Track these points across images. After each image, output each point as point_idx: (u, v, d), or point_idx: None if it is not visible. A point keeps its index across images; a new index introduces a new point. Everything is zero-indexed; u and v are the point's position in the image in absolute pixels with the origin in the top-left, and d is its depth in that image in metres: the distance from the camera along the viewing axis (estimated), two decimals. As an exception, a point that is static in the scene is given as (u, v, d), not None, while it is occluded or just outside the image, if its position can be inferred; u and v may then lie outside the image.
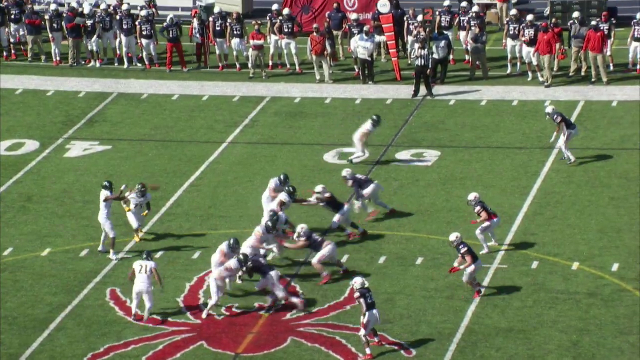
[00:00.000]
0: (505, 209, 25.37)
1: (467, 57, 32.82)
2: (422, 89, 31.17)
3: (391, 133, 29.35)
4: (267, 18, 32.90)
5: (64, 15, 33.73)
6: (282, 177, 24.52)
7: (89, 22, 33.47)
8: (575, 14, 32.16)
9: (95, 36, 33.39)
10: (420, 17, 32.35)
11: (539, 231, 24.52)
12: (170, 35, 33.16)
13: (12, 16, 34.36)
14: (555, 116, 26.85)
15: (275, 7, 33.19)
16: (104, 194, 23.95)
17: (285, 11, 33.45)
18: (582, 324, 21.16)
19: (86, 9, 33.74)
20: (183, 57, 33.50)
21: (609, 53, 32.10)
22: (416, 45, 30.84)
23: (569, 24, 32.29)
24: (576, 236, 24.20)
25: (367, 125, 27.31)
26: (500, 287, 22.43)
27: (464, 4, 33.09)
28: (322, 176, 26.75)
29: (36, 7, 35.37)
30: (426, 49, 30.64)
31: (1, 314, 21.78)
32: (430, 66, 30.91)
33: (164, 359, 20.52)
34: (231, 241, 22.20)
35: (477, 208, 23.41)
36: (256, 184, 26.82)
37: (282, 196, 23.74)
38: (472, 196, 23.63)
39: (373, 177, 27.02)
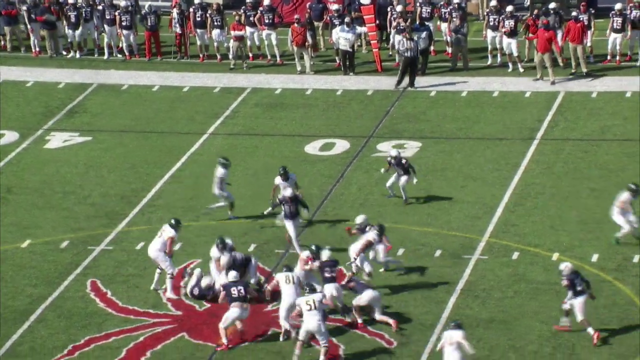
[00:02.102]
0: (486, 200, 25.43)
1: (448, 48, 32.85)
2: (405, 79, 31.21)
3: (372, 124, 29.37)
4: (242, 10, 32.80)
5: (40, 6, 33.56)
6: (280, 170, 24.14)
7: (71, 14, 33.33)
8: (552, 5, 32.17)
9: (80, 27, 33.26)
10: (400, 8, 32.35)
11: (520, 222, 24.59)
12: (149, 24, 33.06)
13: (-13, 8, 34.16)
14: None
15: (249, -1, 33.09)
16: (169, 231, 21.93)
17: (266, 2, 33.38)
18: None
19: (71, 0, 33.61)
20: (160, 46, 33.41)
21: (589, 44, 32.18)
22: (403, 38, 30.81)
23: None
24: (557, 227, 24.28)
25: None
26: (481, 278, 22.48)
27: None
28: (303, 167, 26.74)
29: (13, -3, 35.23)
30: (414, 41, 30.64)
31: None
32: (418, 57, 30.97)
33: (145, 350, 20.46)
34: (217, 242, 21.89)
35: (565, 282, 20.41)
36: (237, 175, 26.74)
37: (371, 235, 21.97)
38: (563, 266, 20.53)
39: (354, 168, 27.04)
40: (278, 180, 24.15)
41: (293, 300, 20.47)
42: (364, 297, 20.96)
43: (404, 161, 24.84)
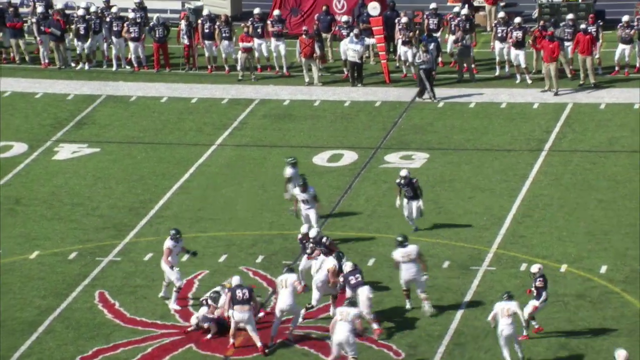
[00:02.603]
0: (494, 211, 25.41)
1: (451, 58, 32.86)
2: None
3: (380, 135, 29.37)
4: (249, 22, 32.87)
5: (49, 18, 33.68)
6: (300, 181, 23.96)
7: (81, 26, 33.44)
8: (569, 16, 32.10)
9: (89, 40, 33.35)
10: (405, 20, 32.38)
11: (528, 233, 24.56)
12: (157, 36, 33.15)
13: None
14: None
15: (257, 10, 33.17)
16: (166, 242, 21.88)
17: (276, 12, 33.46)
18: (571, 326, 21.20)
19: (80, 12, 33.69)
20: (168, 58, 33.48)
21: (597, 55, 32.18)
22: (419, 51, 30.68)
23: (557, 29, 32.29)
24: (564, 238, 24.25)
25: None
26: (489, 289, 22.45)
27: (455, 9, 33.13)
28: (311, 178, 26.72)
29: (22, 10, 35.30)
30: (430, 53, 30.60)
31: None
32: (434, 69, 30.99)
33: None
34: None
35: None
36: (245, 186, 26.78)
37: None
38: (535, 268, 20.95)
39: (362, 180, 27.04)
40: (297, 191, 24.04)
41: (285, 305, 20.59)
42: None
43: (414, 180, 24.39)
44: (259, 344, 20.68)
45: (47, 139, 29.77)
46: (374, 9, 32.57)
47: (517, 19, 32.41)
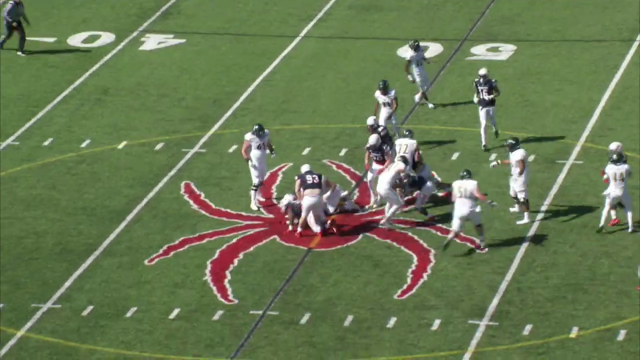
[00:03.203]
0: (583, 103, 24.97)
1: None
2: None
3: (466, 27, 28.88)
4: None
5: None
6: (380, 84, 23.17)
7: None
8: None
9: None
10: None
11: (617, 126, 24.12)
12: None
13: None
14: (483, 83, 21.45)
15: None
16: (246, 136, 21.65)
17: None
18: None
19: None
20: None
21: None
22: None
23: None
24: (654, 132, 23.82)
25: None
26: (575, 183, 22.17)
27: None
28: (394, 72, 26.48)
29: None
30: None
31: (80, 205, 22.12)
32: None
33: (238, 252, 20.65)
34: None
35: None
36: (329, 78, 26.62)
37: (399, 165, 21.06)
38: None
39: (447, 72, 26.68)
40: (377, 94, 23.63)
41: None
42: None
43: (493, 80, 23.58)
44: (316, 229, 20.61)
45: (133, 29, 29.86)
46: None
47: None
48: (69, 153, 23.89)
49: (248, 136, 21.90)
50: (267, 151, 21.89)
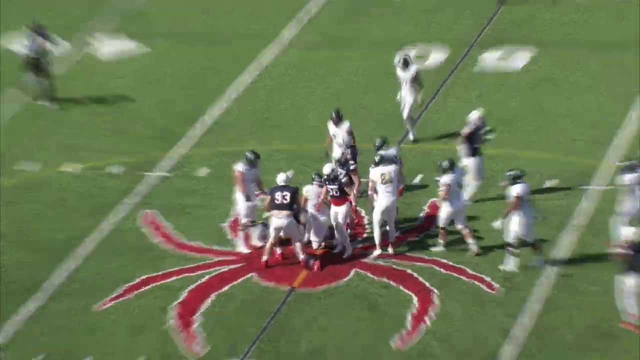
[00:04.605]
0: (612, 118, 22.76)
1: None
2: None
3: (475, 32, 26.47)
4: None
5: None
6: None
7: None
8: None
9: None
10: None
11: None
12: None
13: None
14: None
15: None
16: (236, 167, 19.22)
17: None
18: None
19: None
20: None
21: None
22: None
23: None
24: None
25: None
26: (601, 212, 20.06)
27: None
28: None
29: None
30: None
31: (23, 239, 20.27)
32: None
33: (209, 292, 18.69)
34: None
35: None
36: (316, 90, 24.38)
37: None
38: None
39: (450, 84, 24.38)
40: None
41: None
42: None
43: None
44: (301, 256, 18.65)
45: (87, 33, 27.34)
46: None
47: None
48: (10, 178, 21.92)
49: (240, 168, 19.23)
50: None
